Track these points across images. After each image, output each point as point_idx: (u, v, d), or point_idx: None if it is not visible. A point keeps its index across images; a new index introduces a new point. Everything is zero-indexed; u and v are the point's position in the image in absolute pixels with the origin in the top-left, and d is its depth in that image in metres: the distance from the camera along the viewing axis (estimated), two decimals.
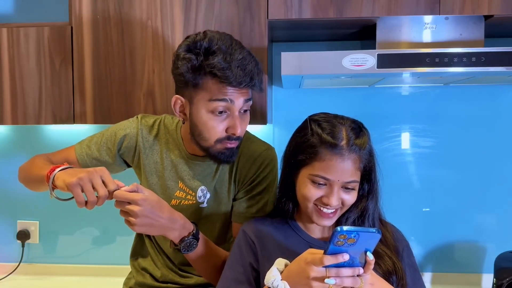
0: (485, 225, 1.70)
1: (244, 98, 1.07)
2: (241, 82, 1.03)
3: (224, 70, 1.02)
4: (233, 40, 1.08)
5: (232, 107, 1.06)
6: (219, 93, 1.05)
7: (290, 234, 1.05)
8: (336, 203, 0.95)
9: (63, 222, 1.81)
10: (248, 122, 1.12)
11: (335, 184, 0.95)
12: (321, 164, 0.95)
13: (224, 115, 1.07)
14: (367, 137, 0.99)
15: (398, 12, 1.33)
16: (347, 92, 1.69)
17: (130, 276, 1.37)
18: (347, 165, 0.94)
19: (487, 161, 1.69)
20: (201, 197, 1.21)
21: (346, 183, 0.95)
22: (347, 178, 0.95)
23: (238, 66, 1.03)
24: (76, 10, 1.42)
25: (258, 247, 1.03)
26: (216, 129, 1.08)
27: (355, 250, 0.80)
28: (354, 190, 0.97)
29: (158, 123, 1.24)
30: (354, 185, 0.97)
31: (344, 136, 0.95)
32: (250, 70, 1.05)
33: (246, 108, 1.10)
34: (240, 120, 1.08)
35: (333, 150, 0.94)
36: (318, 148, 0.95)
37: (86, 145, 1.24)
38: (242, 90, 1.06)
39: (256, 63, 1.07)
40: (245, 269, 1.02)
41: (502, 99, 1.67)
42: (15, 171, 1.27)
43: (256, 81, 1.06)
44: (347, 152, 0.94)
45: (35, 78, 1.45)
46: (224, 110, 1.07)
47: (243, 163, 1.19)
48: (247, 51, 1.08)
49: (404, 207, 1.71)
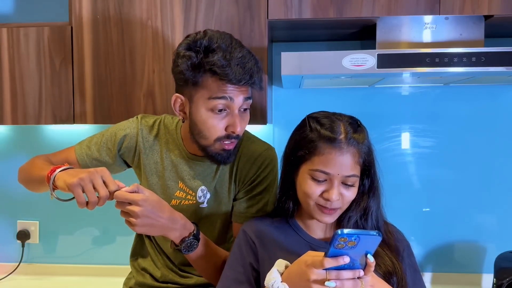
0: (485, 225, 1.70)
1: (244, 96, 1.07)
2: (241, 79, 1.03)
3: (223, 68, 1.02)
4: (233, 39, 1.08)
5: (231, 105, 1.06)
6: (219, 91, 1.05)
7: (291, 233, 1.05)
8: (336, 198, 0.95)
9: (63, 222, 1.81)
10: (247, 121, 1.12)
11: (335, 178, 0.95)
12: (320, 158, 0.95)
13: (224, 113, 1.07)
14: (365, 132, 0.99)
15: (398, 12, 1.33)
16: (347, 92, 1.69)
17: (130, 276, 1.37)
18: (346, 158, 0.95)
19: (487, 161, 1.69)
20: (201, 197, 1.21)
21: (345, 178, 0.95)
22: (347, 172, 0.95)
23: (238, 64, 1.03)
24: (76, 10, 1.42)
25: (258, 247, 1.03)
26: (216, 128, 1.08)
27: (355, 253, 0.80)
28: (354, 186, 0.97)
29: (158, 123, 1.24)
30: (354, 181, 0.97)
31: (342, 130, 0.96)
32: (250, 68, 1.05)
33: (246, 107, 1.10)
34: (240, 118, 1.08)
35: (332, 144, 0.95)
36: (317, 143, 0.96)
37: (86, 146, 1.24)
38: (242, 88, 1.06)
39: (256, 61, 1.08)
40: (245, 269, 1.02)
41: (502, 99, 1.67)
42: (15, 171, 1.27)
43: (256, 79, 1.06)
44: (346, 145, 0.95)
45: (35, 78, 1.45)
46: (224, 108, 1.07)
47: (244, 163, 1.19)
48: (247, 49, 1.08)
49: (404, 207, 1.71)
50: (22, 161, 1.27)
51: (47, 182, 1.03)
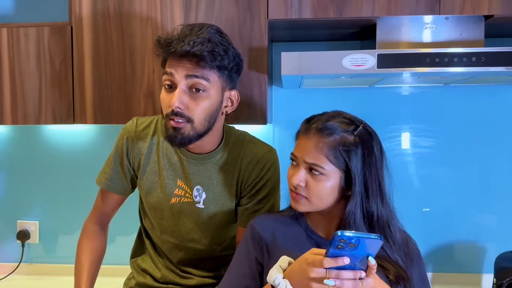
0: (485, 225, 1.70)
1: (186, 74, 1.05)
2: (176, 48, 1.03)
3: (166, 40, 1.05)
4: (208, 25, 1.09)
5: (174, 81, 1.07)
6: (166, 66, 1.09)
7: (298, 230, 1.05)
8: (297, 181, 0.97)
9: (63, 222, 1.81)
10: (201, 104, 1.08)
11: (300, 162, 0.98)
12: (296, 143, 1.02)
13: (173, 91, 1.08)
14: (350, 133, 0.96)
15: (398, 12, 1.33)
16: (347, 92, 1.69)
17: (130, 277, 1.37)
18: (310, 144, 0.97)
19: (487, 161, 1.69)
20: (197, 196, 1.20)
21: (310, 164, 0.96)
22: (309, 159, 0.96)
23: (181, 37, 1.05)
24: (76, 10, 1.42)
25: (264, 242, 1.03)
26: (163, 102, 1.10)
27: (356, 255, 0.79)
28: (322, 178, 0.95)
29: (154, 122, 1.24)
30: (321, 171, 0.95)
31: (320, 120, 0.98)
32: (192, 40, 1.03)
33: (197, 87, 1.06)
34: (179, 95, 1.06)
35: (304, 129, 1.00)
36: (299, 129, 1.02)
37: (102, 173, 1.27)
38: (183, 61, 1.05)
39: (212, 41, 1.05)
40: (250, 263, 1.03)
41: (502, 99, 1.67)
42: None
43: (197, 51, 1.02)
44: (313, 132, 0.97)
45: (35, 78, 1.46)
46: (171, 85, 1.08)
47: (246, 165, 1.19)
48: (214, 32, 1.07)
49: (404, 207, 1.70)
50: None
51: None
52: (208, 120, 1.10)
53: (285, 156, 1.31)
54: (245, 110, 1.38)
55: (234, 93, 1.15)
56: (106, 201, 1.27)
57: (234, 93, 1.15)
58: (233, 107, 1.16)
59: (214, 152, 1.19)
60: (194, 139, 1.10)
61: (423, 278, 1.04)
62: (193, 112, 1.07)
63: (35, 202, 1.81)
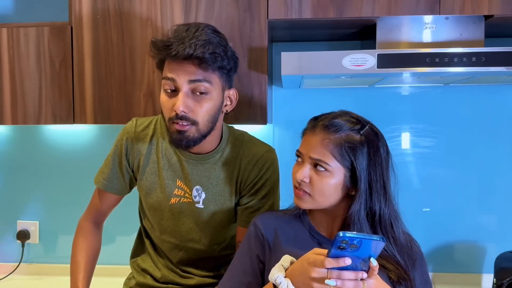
0: (485, 225, 1.70)
1: (189, 78, 1.05)
2: (178, 51, 1.02)
3: (164, 42, 1.04)
4: (204, 25, 1.08)
5: (177, 85, 1.06)
6: (166, 70, 1.08)
7: (301, 229, 1.05)
8: (301, 177, 0.97)
9: (63, 222, 1.81)
10: (205, 106, 1.08)
11: (305, 158, 0.98)
12: (302, 140, 1.02)
13: (175, 93, 1.08)
14: (356, 131, 0.96)
15: (398, 12, 1.33)
16: (347, 92, 1.69)
17: (130, 277, 1.37)
18: (315, 140, 0.97)
19: (487, 161, 1.69)
20: (196, 196, 1.20)
21: (314, 160, 0.96)
22: (315, 154, 0.96)
23: (179, 39, 1.04)
24: (76, 10, 1.42)
25: (267, 240, 1.03)
26: (165, 107, 1.09)
27: (358, 256, 0.79)
28: (326, 174, 0.95)
29: (154, 122, 1.24)
30: (325, 167, 0.95)
31: (327, 118, 0.99)
32: (194, 43, 1.02)
33: (200, 90, 1.06)
34: (183, 98, 1.05)
35: (311, 126, 1.00)
36: (306, 126, 1.02)
37: (99, 172, 1.27)
38: (184, 65, 1.04)
39: (211, 42, 1.04)
40: (252, 261, 1.03)
41: (502, 99, 1.67)
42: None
43: (199, 54, 1.02)
44: (319, 129, 0.97)
45: (35, 78, 1.45)
46: (173, 89, 1.07)
47: (245, 165, 1.19)
48: (211, 32, 1.06)
49: (404, 207, 1.70)
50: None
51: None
52: (212, 121, 1.10)
53: (285, 156, 1.32)
54: (245, 110, 1.38)
55: (233, 92, 1.15)
56: (103, 200, 1.27)
57: (233, 91, 1.15)
58: (232, 106, 1.16)
59: (213, 152, 1.19)
60: (199, 141, 1.11)
61: (426, 281, 1.03)
62: (198, 114, 1.08)
63: (35, 202, 1.81)
